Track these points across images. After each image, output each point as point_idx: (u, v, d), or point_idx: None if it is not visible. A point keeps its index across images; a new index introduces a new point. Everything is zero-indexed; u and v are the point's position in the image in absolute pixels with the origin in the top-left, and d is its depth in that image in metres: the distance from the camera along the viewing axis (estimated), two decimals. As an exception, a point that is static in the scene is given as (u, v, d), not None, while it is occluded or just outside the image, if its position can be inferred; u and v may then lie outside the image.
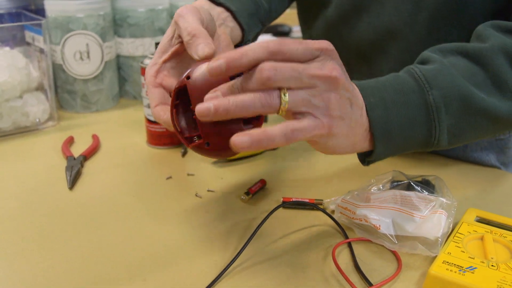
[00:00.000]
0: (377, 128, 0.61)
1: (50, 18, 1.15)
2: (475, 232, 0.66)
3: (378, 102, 0.61)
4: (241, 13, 0.80)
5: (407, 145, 0.63)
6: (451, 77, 0.63)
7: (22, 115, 1.07)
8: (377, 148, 0.62)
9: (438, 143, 0.64)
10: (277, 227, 0.72)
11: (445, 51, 0.68)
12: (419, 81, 0.63)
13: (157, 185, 0.84)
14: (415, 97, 0.62)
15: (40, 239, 0.69)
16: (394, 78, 0.64)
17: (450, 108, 0.63)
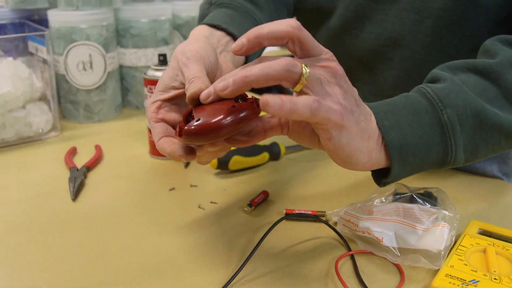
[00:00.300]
0: (394, 150, 0.61)
1: (53, 28, 1.16)
2: (477, 244, 0.66)
3: (393, 125, 0.61)
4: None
5: (423, 165, 0.64)
6: (463, 94, 0.63)
7: (25, 125, 1.08)
8: (394, 169, 0.62)
9: (454, 161, 0.64)
10: (280, 239, 0.72)
11: (454, 69, 0.68)
12: (432, 101, 0.63)
13: (160, 196, 0.85)
14: (429, 117, 0.62)
15: (43, 249, 0.69)
16: (406, 99, 0.64)
17: (465, 125, 0.63)
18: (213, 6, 0.86)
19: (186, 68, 0.62)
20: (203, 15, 0.87)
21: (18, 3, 1.22)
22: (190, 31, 1.29)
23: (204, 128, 0.55)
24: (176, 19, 1.33)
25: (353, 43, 0.93)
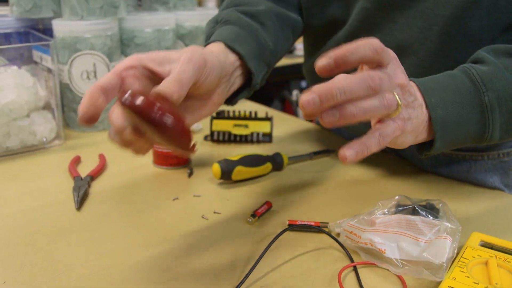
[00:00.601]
0: (437, 126, 0.68)
1: (58, 38, 1.17)
2: (479, 257, 0.67)
3: (438, 102, 0.68)
4: (249, 57, 0.78)
5: (462, 141, 0.72)
6: (505, 80, 0.71)
7: (30, 134, 1.08)
8: (436, 143, 0.69)
9: (490, 138, 0.72)
10: (283, 250, 0.72)
11: (498, 52, 0.74)
12: (475, 83, 0.70)
13: (164, 206, 0.85)
14: (471, 98, 0.70)
15: (48, 259, 0.70)
16: (451, 78, 0.71)
17: (503, 108, 0.70)
18: (219, 24, 0.86)
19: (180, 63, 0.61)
20: (209, 34, 0.87)
21: (23, 12, 1.23)
22: (193, 40, 1.31)
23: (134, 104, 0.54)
24: (180, 29, 1.34)
25: None
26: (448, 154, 0.95)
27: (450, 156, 0.96)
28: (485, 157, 0.94)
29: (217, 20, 0.88)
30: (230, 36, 0.79)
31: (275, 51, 0.88)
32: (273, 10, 0.92)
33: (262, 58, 0.84)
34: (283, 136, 1.18)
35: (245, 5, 0.91)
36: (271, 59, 0.87)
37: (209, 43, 0.78)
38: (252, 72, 0.79)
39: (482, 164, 0.94)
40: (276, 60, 0.92)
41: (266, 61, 0.85)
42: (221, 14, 0.88)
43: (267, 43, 0.86)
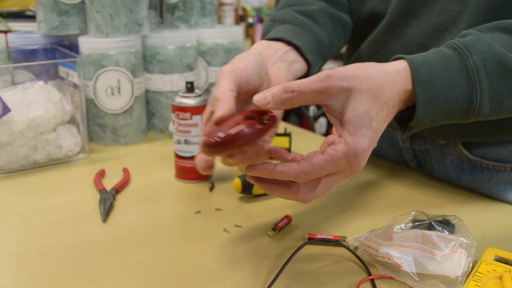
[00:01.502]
0: (420, 88, 0.65)
1: (84, 54, 1.20)
2: (494, 271, 0.69)
3: (421, 63, 0.66)
4: (306, 49, 0.85)
5: (448, 110, 0.67)
6: (488, 44, 0.68)
7: (56, 147, 1.12)
8: (419, 109, 0.65)
9: (479, 110, 0.67)
10: (303, 262, 0.75)
11: (483, 29, 0.73)
12: (458, 50, 0.68)
13: (186, 219, 0.88)
14: (455, 62, 0.67)
15: (77, 270, 0.73)
16: (435, 50, 0.70)
17: (490, 72, 0.66)
18: (276, 22, 0.93)
19: (217, 83, 0.70)
20: (266, 31, 0.93)
21: (50, 29, 1.27)
22: (214, 57, 1.34)
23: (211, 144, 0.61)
24: (201, 46, 1.37)
25: (398, 39, 0.96)
26: (472, 160, 0.97)
27: (474, 163, 0.97)
28: (508, 168, 0.95)
29: (274, 19, 0.94)
30: (287, 32, 0.86)
31: (330, 46, 0.94)
32: (325, 9, 0.97)
33: (319, 51, 0.90)
34: (302, 152, 1.20)
35: (299, 5, 0.97)
36: (327, 53, 0.93)
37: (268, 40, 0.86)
38: (310, 62, 0.85)
39: (504, 176, 0.96)
40: (331, 55, 0.98)
41: (323, 55, 0.92)
42: (277, 14, 0.95)
43: (323, 38, 0.92)
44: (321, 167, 0.62)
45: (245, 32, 3.19)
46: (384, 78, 0.64)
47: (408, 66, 0.66)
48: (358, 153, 0.61)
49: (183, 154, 1.01)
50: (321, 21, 0.94)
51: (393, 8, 0.95)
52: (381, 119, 0.63)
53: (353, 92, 0.62)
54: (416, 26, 0.93)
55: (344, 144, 0.61)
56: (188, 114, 0.99)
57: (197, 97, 1.00)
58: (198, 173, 1.01)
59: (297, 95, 0.61)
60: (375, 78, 0.63)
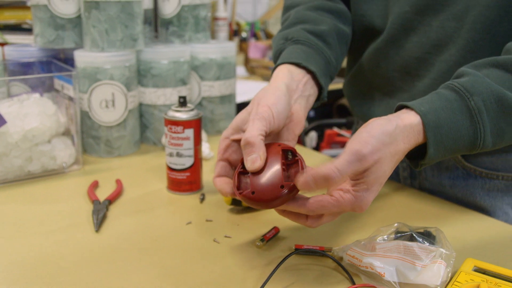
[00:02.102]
0: (430, 132, 0.72)
1: (79, 68, 1.23)
2: (472, 281, 0.71)
3: (429, 109, 0.73)
4: (320, 74, 0.91)
5: (456, 147, 0.74)
6: (486, 84, 0.74)
7: (50, 158, 1.14)
8: (430, 149, 0.72)
9: (483, 144, 0.74)
10: (290, 272, 0.77)
11: (478, 66, 0.79)
12: (459, 92, 0.74)
13: (178, 230, 0.91)
14: (458, 105, 0.73)
15: (70, 279, 0.75)
16: (436, 94, 0.76)
17: (490, 110, 0.73)
18: (289, 41, 0.97)
19: (251, 124, 0.78)
20: (279, 49, 0.98)
21: (46, 43, 1.30)
22: (207, 72, 1.37)
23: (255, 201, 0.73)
24: (194, 61, 1.40)
25: (397, 53, 1.00)
26: (466, 167, 1.01)
27: (468, 171, 1.01)
28: (500, 177, 0.99)
29: (286, 37, 0.99)
30: (301, 55, 0.92)
31: (336, 66, 1.01)
32: (334, 28, 1.02)
33: (328, 73, 0.97)
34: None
35: (309, 22, 1.01)
36: (333, 73, 1.00)
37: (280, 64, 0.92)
38: (323, 87, 0.92)
39: (496, 184, 1.00)
40: (336, 73, 1.03)
41: (331, 76, 0.99)
42: (290, 33, 0.99)
43: (331, 59, 0.98)
44: (327, 208, 0.70)
45: (239, 46, 3.23)
46: (402, 135, 0.72)
47: (417, 115, 0.73)
48: (363, 205, 0.70)
49: (175, 167, 1.04)
50: (330, 42, 0.99)
51: (391, 23, 0.99)
52: (389, 172, 0.72)
53: (379, 161, 0.70)
54: (415, 41, 0.97)
55: (353, 196, 0.69)
56: (181, 128, 1.01)
57: (190, 111, 1.02)
58: (190, 185, 1.04)
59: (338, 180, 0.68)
60: (396, 139, 0.71)
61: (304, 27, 1.00)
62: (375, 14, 1.03)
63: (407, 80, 1.00)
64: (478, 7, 0.88)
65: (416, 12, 0.95)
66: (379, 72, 1.04)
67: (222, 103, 1.44)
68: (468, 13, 0.89)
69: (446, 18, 0.92)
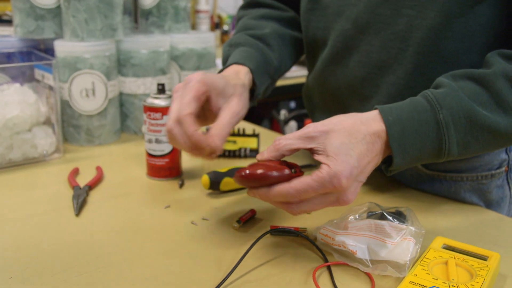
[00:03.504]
0: (394, 143, 0.75)
1: (59, 57, 1.24)
2: (440, 257, 0.74)
3: (395, 120, 0.75)
4: (256, 71, 0.97)
5: (421, 157, 0.77)
6: (458, 98, 0.76)
7: (31, 147, 1.15)
8: (396, 159, 0.76)
9: (448, 154, 0.77)
10: (265, 252, 0.80)
11: (456, 76, 0.81)
12: (431, 102, 0.76)
13: (156, 213, 0.92)
14: (427, 116, 0.76)
15: (50, 258, 0.77)
16: (410, 100, 0.79)
17: (458, 125, 0.76)
18: (233, 47, 1.05)
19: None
20: (226, 56, 1.06)
21: (26, 33, 1.31)
22: (187, 62, 1.38)
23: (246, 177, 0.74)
24: (174, 51, 1.42)
25: (343, 72, 1.00)
26: (429, 174, 1.01)
27: (432, 176, 1.01)
28: (464, 178, 0.99)
29: (230, 44, 1.07)
30: (243, 55, 0.98)
31: (279, 66, 1.07)
32: (277, 31, 1.08)
33: (267, 72, 1.01)
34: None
35: (252, 29, 1.09)
36: (275, 73, 1.06)
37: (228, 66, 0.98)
38: (256, 84, 0.97)
39: (461, 185, 1.00)
40: (281, 74, 1.11)
41: (270, 75, 1.04)
42: (234, 39, 1.07)
43: (272, 60, 1.03)
44: (308, 184, 0.70)
45: (221, 39, 3.24)
46: (358, 118, 0.76)
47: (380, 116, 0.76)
48: (338, 172, 0.69)
49: (154, 153, 1.06)
50: (272, 43, 1.06)
51: (334, 41, 1.00)
52: (362, 153, 0.73)
53: (330, 132, 0.73)
54: (358, 61, 0.97)
55: (327, 167, 0.70)
56: (159, 114, 1.03)
57: (168, 98, 1.04)
58: (169, 171, 1.06)
59: (284, 144, 0.74)
60: (348, 119, 0.75)
61: (246, 32, 1.08)
62: (316, 26, 1.04)
63: (355, 99, 1.00)
64: (422, 28, 0.88)
65: (357, 30, 0.95)
66: (329, 88, 1.05)
67: (202, 93, 1.45)
68: (412, 34, 0.89)
69: (388, 38, 0.92)
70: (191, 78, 0.82)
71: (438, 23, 0.86)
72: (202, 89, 0.81)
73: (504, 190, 1.01)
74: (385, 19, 0.91)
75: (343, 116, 0.76)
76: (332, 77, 1.03)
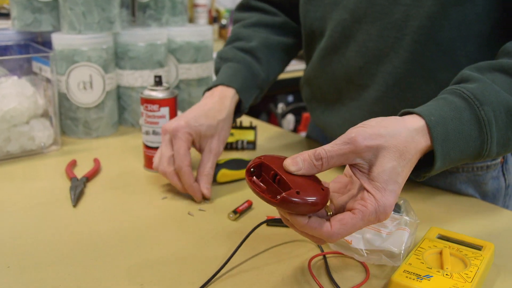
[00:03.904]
0: (438, 145, 0.68)
1: (57, 50, 1.24)
2: (435, 247, 0.75)
3: (438, 120, 0.68)
4: (241, 89, 1.04)
5: (461, 159, 0.71)
6: (496, 93, 0.72)
7: (29, 139, 1.16)
8: (437, 162, 0.69)
9: (488, 154, 0.72)
10: (262, 242, 0.80)
11: (482, 69, 0.77)
12: (468, 100, 0.71)
13: (153, 204, 0.93)
14: (467, 114, 0.70)
15: (47, 248, 0.78)
16: (444, 100, 0.72)
17: (499, 121, 0.71)
18: (222, 60, 1.12)
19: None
20: (216, 68, 1.14)
21: (23, 26, 1.31)
22: (184, 54, 1.38)
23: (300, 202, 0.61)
24: (171, 43, 1.42)
25: (340, 62, 1.00)
26: None
27: None
28: (460, 170, 1.00)
29: (221, 56, 1.13)
30: (229, 73, 1.06)
31: (267, 77, 1.12)
32: (265, 42, 1.13)
33: (254, 85, 1.08)
34: (267, 144, 1.26)
35: (241, 40, 1.14)
36: (263, 84, 1.12)
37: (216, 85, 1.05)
38: (242, 102, 1.05)
39: (457, 177, 1.00)
40: (270, 83, 1.16)
41: (258, 86, 1.10)
42: (223, 51, 1.13)
43: (259, 73, 1.10)
44: (353, 225, 0.63)
45: (219, 33, 3.24)
46: (409, 135, 0.66)
47: (426, 124, 0.68)
48: (387, 208, 0.63)
49: (152, 144, 1.06)
50: (260, 56, 1.10)
51: (332, 31, 1.00)
52: (406, 174, 0.66)
53: (381, 150, 0.64)
54: (355, 50, 0.97)
55: (374, 200, 0.63)
56: (156, 106, 1.03)
57: (165, 90, 1.04)
58: (166, 162, 1.06)
59: (325, 161, 0.64)
60: (399, 135, 0.66)
61: (235, 45, 1.13)
62: (313, 16, 1.05)
63: (352, 89, 1.00)
64: (419, 17, 0.87)
65: (355, 19, 0.95)
66: (327, 78, 1.06)
67: (200, 86, 1.46)
68: (408, 23, 0.89)
69: (385, 27, 0.92)
70: (177, 128, 0.93)
71: (434, 12, 0.86)
72: (190, 139, 0.94)
73: (499, 181, 1.02)
74: (382, 8, 0.92)
75: (391, 125, 0.67)
76: (329, 66, 1.03)
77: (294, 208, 0.61)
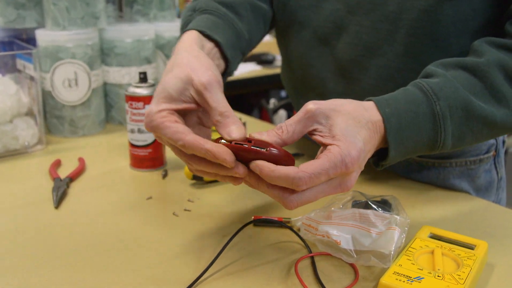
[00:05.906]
0: (391, 136, 0.71)
1: (41, 47, 1.22)
2: (426, 246, 0.72)
3: (393, 111, 0.71)
4: (226, 45, 0.86)
5: (415, 149, 0.74)
6: (454, 89, 0.74)
7: (12, 138, 1.13)
8: (391, 152, 0.72)
9: (443, 146, 0.75)
10: (248, 242, 0.78)
11: (447, 65, 0.79)
12: (427, 94, 0.74)
13: (138, 205, 0.90)
14: (424, 107, 0.73)
15: (27, 253, 0.75)
16: (404, 92, 0.75)
17: (454, 116, 0.73)
18: (197, 12, 0.92)
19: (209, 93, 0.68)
20: (186, 21, 0.92)
21: (7, 22, 1.28)
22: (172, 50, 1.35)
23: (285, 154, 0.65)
24: (159, 39, 1.39)
25: (331, 54, 0.97)
26: (418, 161, 1.00)
27: (420, 163, 1.00)
28: (453, 164, 0.98)
29: (194, 8, 0.93)
30: (208, 24, 0.86)
31: (250, 40, 0.96)
32: (248, 0, 0.97)
33: (238, 46, 0.91)
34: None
35: None
36: (246, 48, 0.95)
37: (186, 30, 0.84)
38: (229, 59, 0.86)
39: (450, 171, 0.99)
40: (251, 49, 0.99)
41: (242, 50, 0.93)
42: (199, 3, 0.94)
43: (243, 32, 0.92)
44: (322, 166, 0.62)
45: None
46: (359, 104, 0.71)
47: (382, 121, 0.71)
48: (349, 152, 0.63)
49: (137, 143, 1.03)
50: (242, 13, 0.95)
51: (323, 21, 0.96)
52: (366, 138, 0.68)
53: (334, 113, 0.67)
54: (347, 42, 0.94)
55: (337, 147, 0.64)
56: (141, 104, 1.01)
57: (150, 87, 1.02)
58: (152, 161, 1.04)
59: (285, 128, 0.67)
60: (349, 103, 0.70)
61: None
62: (297, 4, 0.99)
63: (341, 82, 0.97)
64: (413, 10, 0.85)
65: (348, 10, 0.92)
66: (312, 72, 1.01)
67: (189, 82, 1.43)
68: (403, 16, 0.86)
69: (379, 19, 0.89)
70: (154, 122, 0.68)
71: (429, 5, 0.84)
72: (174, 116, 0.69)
73: (492, 174, 1.01)
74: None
75: (341, 100, 0.70)
76: (317, 59, 0.99)
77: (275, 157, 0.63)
